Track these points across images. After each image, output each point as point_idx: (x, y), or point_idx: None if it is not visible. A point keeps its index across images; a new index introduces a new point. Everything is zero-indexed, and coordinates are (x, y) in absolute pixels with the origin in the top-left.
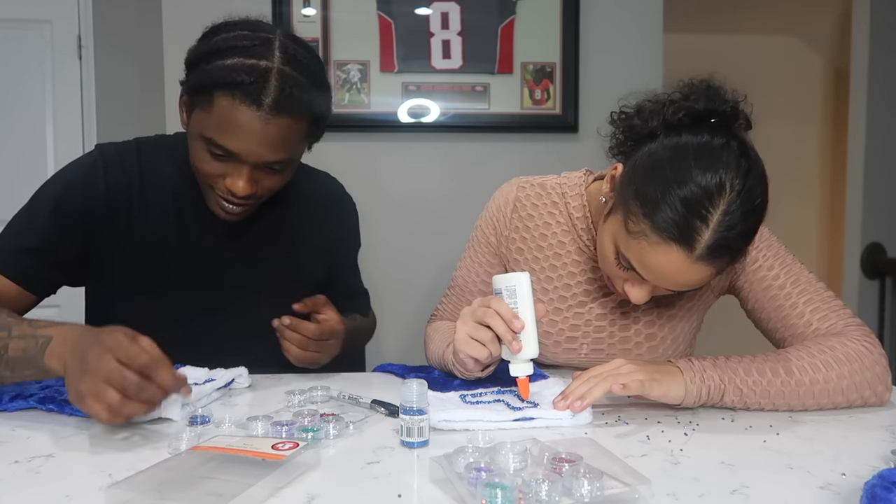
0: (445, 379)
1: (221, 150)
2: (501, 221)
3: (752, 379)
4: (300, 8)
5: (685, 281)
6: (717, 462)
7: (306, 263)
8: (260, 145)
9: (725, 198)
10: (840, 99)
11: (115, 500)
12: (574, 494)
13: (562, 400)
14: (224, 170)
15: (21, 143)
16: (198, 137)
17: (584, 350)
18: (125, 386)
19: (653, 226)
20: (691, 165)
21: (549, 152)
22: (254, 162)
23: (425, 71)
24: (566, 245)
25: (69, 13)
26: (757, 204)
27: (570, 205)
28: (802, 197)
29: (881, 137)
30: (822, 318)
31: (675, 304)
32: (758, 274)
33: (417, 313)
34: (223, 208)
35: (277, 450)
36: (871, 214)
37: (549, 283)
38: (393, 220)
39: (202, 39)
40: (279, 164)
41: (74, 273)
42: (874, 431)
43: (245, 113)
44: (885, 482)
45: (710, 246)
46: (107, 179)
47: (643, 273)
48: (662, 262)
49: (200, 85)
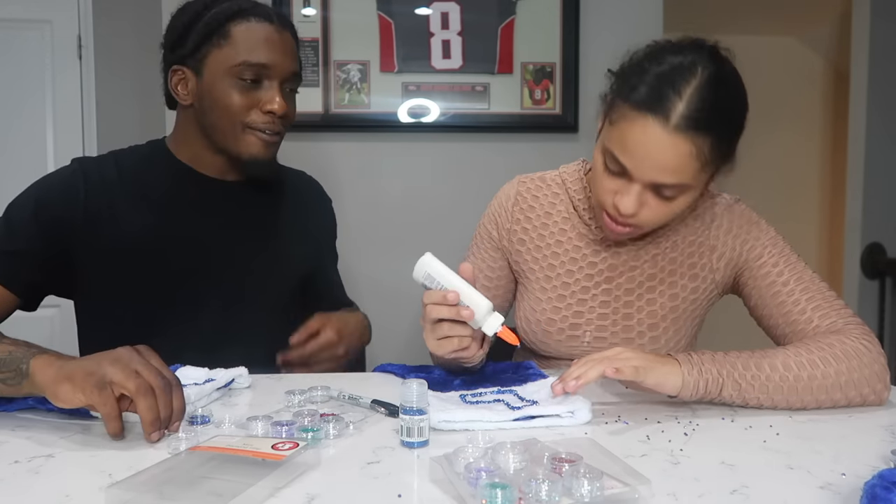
0: (445, 379)
1: (252, 71)
2: (503, 216)
3: (751, 374)
4: (300, 8)
5: (665, 158)
6: (717, 462)
7: (297, 255)
8: (285, 56)
9: (698, 75)
10: (840, 99)
11: (115, 500)
12: (574, 494)
13: (559, 383)
14: (256, 96)
15: (21, 143)
16: (222, 77)
17: (588, 338)
18: (153, 378)
19: (631, 104)
20: (666, 51)
21: (549, 152)
22: (282, 73)
23: (425, 71)
24: (567, 232)
25: (69, 13)
26: (733, 89)
27: (571, 189)
28: (802, 197)
29: (881, 138)
30: (823, 316)
31: (678, 297)
32: (762, 270)
33: (417, 313)
34: (265, 137)
35: (277, 450)
36: (871, 214)
37: (553, 271)
38: (393, 220)
39: (176, 17)
40: (296, 79)
41: (57, 279)
42: (874, 431)
43: (263, 28)
44: (885, 482)
45: (684, 115)
46: (86, 188)
47: (625, 158)
48: (641, 138)
49: (209, 30)
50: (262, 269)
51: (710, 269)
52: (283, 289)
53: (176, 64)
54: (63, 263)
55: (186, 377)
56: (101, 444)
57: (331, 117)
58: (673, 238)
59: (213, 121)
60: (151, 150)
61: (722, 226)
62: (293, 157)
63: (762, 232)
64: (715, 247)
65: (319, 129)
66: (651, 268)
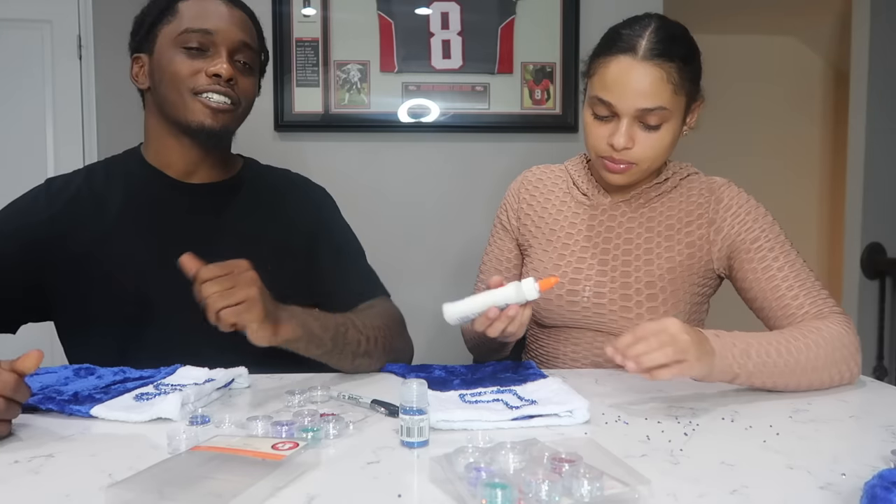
0: (445, 378)
1: (196, 38)
2: (511, 200)
3: (762, 360)
4: (300, 8)
5: (642, 85)
6: (717, 462)
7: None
8: (231, 25)
9: (651, 24)
10: (840, 99)
11: (115, 500)
12: (574, 494)
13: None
14: (202, 64)
15: (21, 143)
16: (169, 48)
17: (587, 293)
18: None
19: (603, 54)
20: (626, 18)
21: (549, 152)
22: (228, 41)
23: (425, 71)
24: (567, 203)
25: (69, 13)
26: (682, 31)
27: (572, 171)
28: (802, 197)
29: (881, 137)
30: (812, 303)
31: (675, 260)
32: (758, 253)
33: (417, 311)
34: (210, 106)
35: (277, 450)
36: (871, 214)
37: (553, 235)
38: (393, 220)
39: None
40: (248, 52)
41: (30, 305)
42: (874, 431)
43: (211, 2)
44: (885, 482)
45: (648, 48)
46: (50, 212)
47: (608, 94)
48: (617, 73)
49: (160, 11)
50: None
51: (707, 240)
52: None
53: (135, 53)
54: (33, 288)
55: (186, 377)
56: (101, 444)
57: (331, 117)
58: (668, 204)
59: (164, 93)
60: (125, 159)
61: (722, 201)
62: (293, 157)
63: (761, 216)
64: (714, 220)
65: (319, 129)
66: (647, 231)
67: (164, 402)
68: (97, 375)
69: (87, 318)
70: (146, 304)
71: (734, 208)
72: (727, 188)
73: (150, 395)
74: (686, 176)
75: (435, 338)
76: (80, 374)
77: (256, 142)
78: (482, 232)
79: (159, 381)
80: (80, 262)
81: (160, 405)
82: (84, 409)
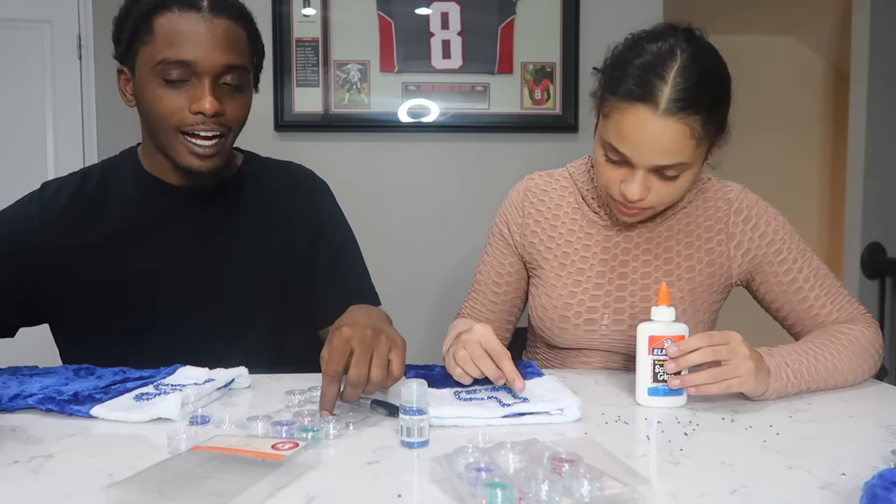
0: (445, 378)
1: (175, 67)
2: (514, 213)
3: (813, 371)
4: (300, 8)
5: (662, 142)
6: (717, 462)
7: (272, 257)
8: (212, 49)
9: (678, 58)
10: (840, 99)
11: (115, 500)
12: (574, 494)
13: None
14: (185, 97)
15: (21, 143)
16: (148, 77)
17: (606, 321)
18: None
19: (620, 96)
20: (643, 41)
21: (549, 152)
22: (210, 69)
23: (425, 71)
24: (578, 221)
25: (69, 13)
26: (713, 64)
27: (578, 181)
28: (802, 197)
29: (881, 137)
30: (841, 309)
31: (695, 272)
32: (783, 266)
33: (417, 312)
34: (197, 147)
35: (277, 450)
36: (871, 214)
37: (566, 259)
38: (393, 220)
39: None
40: (235, 72)
41: (24, 310)
42: (874, 431)
43: (187, 19)
44: (885, 482)
45: (672, 99)
46: (42, 217)
47: (624, 147)
48: (635, 127)
49: (136, 26)
50: (233, 282)
51: (728, 256)
52: (265, 292)
53: (119, 63)
54: (27, 300)
55: (186, 377)
56: (101, 444)
57: (331, 117)
58: (685, 220)
59: (150, 124)
60: (122, 161)
61: (742, 213)
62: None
63: (780, 225)
64: (734, 235)
65: (319, 129)
66: (666, 252)
67: (165, 402)
68: (97, 375)
69: (84, 326)
70: (145, 312)
71: (754, 220)
72: (744, 198)
73: (150, 395)
74: (700, 184)
75: (431, 337)
76: (81, 375)
77: (256, 142)
78: (482, 231)
79: (159, 382)
80: (76, 271)
81: (160, 405)
82: (84, 409)
